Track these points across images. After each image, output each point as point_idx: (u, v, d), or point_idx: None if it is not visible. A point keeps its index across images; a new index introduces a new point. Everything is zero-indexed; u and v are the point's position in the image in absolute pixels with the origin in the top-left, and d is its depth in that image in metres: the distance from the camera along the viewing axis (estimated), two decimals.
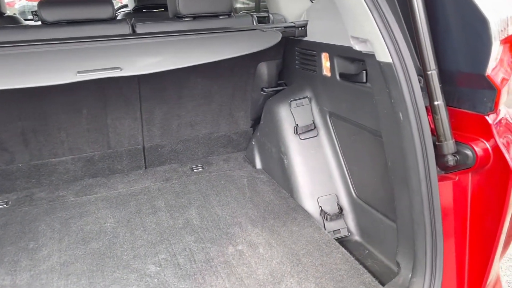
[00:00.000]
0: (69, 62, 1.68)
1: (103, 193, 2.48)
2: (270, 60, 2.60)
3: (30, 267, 1.87)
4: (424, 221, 1.50)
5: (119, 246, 2.00)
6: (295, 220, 2.19)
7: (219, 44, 2.00)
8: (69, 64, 1.66)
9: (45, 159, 2.47)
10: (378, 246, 2.08)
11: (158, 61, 1.76)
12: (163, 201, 2.39)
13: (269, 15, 2.53)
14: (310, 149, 2.36)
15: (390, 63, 1.44)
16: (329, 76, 2.18)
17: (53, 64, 1.65)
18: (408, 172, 1.52)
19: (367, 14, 1.43)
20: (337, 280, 1.76)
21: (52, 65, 1.64)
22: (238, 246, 1.99)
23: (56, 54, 1.74)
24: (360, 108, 2.00)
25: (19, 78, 1.54)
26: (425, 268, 1.52)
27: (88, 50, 1.80)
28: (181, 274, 1.81)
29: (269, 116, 2.58)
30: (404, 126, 1.48)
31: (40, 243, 2.04)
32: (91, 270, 1.85)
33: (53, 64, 1.66)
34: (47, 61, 1.69)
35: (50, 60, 1.69)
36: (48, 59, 1.70)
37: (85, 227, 2.16)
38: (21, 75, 1.57)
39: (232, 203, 2.37)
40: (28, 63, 1.66)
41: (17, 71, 1.59)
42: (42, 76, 1.55)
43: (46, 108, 2.31)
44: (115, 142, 2.58)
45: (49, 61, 1.68)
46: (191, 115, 2.71)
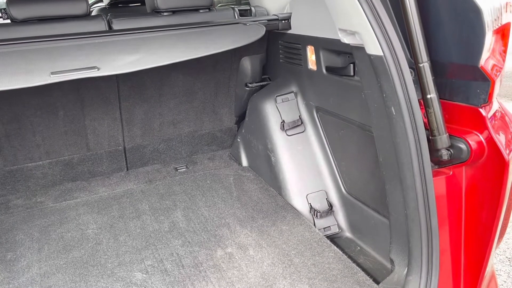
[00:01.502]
0: (41, 63, 1.58)
1: (83, 198, 2.38)
2: (253, 55, 2.53)
3: (8, 280, 1.77)
4: (419, 218, 1.46)
5: (103, 254, 1.91)
6: (284, 219, 2.13)
7: (201, 40, 1.91)
8: (42, 65, 1.55)
9: (21, 164, 2.35)
10: (370, 242, 2.04)
11: (137, 59, 1.67)
12: (147, 204, 2.31)
13: (251, 8, 2.45)
14: (297, 145, 2.31)
15: (381, 56, 1.39)
16: (315, 70, 2.13)
17: (24, 65, 1.54)
18: (402, 168, 1.47)
19: (356, 6, 1.37)
20: (330, 280, 1.72)
21: (24, 66, 1.53)
22: (227, 249, 1.93)
23: (27, 54, 1.63)
24: (347, 102, 1.95)
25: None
26: (421, 266, 1.48)
27: (62, 49, 1.69)
28: (169, 281, 1.74)
29: (254, 113, 2.51)
30: (397, 121, 1.44)
31: (18, 254, 1.93)
32: (73, 280, 1.76)
33: (24, 65, 1.55)
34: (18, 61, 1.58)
35: (21, 61, 1.58)
36: (18, 60, 1.59)
37: (66, 234, 2.06)
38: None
39: (219, 203, 2.30)
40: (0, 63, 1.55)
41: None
42: (12, 78, 1.45)
43: (19, 111, 2.19)
44: (94, 144, 2.47)
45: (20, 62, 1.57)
46: (173, 114, 2.62)
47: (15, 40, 1.71)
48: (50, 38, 1.73)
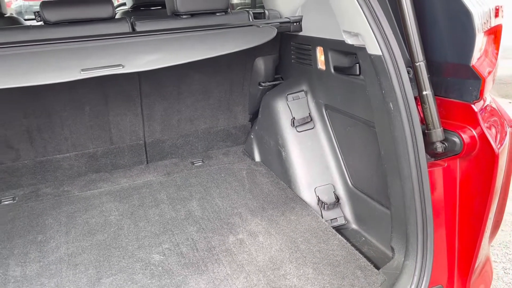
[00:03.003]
0: (72, 61, 1.75)
1: (106, 188, 2.56)
2: (266, 55, 2.67)
3: (39, 259, 1.94)
4: (415, 206, 1.57)
5: (124, 237, 2.08)
6: (293, 210, 2.26)
7: (217, 40, 2.06)
8: (73, 63, 1.72)
9: (50, 155, 2.54)
10: (374, 233, 2.15)
11: (158, 58, 1.83)
12: (165, 194, 2.47)
13: (265, 11, 2.59)
14: (307, 141, 2.44)
15: (380, 56, 1.51)
16: (324, 69, 2.25)
17: (57, 63, 1.72)
18: (400, 160, 1.59)
19: (357, 8, 1.50)
20: (334, 265, 1.84)
21: (57, 63, 1.71)
22: (238, 235, 2.07)
23: (60, 53, 1.81)
24: (354, 100, 2.07)
25: (26, 77, 1.61)
26: (417, 251, 1.59)
27: (90, 49, 1.87)
28: (184, 262, 1.88)
29: (266, 110, 2.65)
30: (395, 115, 1.55)
31: (47, 236, 2.11)
32: (98, 260, 1.92)
33: (57, 62, 1.72)
34: (52, 60, 1.75)
35: (54, 59, 1.76)
36: (52, 58, 1.76)
37: (91, 220, 2.23)
38: (27, 74, 1.64)
39: (232, 194, 2.45)
40: (34, 63, 1.72)
41: (24, 70, 1.66)
42: (47, 75, 1.62)
43: (50, 106, 2.38)
44: (117, 138, 2.65)
45: (53, 60, 1.75)
46: (190, 110, 2.78)
47: (48, 41, 1.89)
48: (79, 39, 1.91)
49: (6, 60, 1.72)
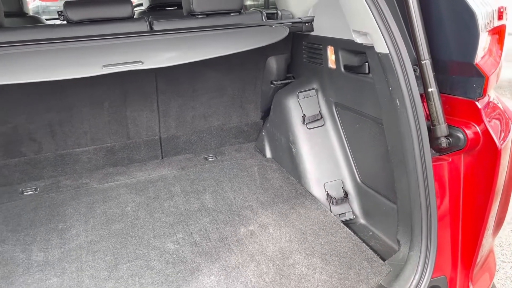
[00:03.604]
0: (95, 57, 1.85)
1: (123, 181, 2.66)
2: (279, 54, 2.74)
3: (60, 245, 2.05)
4: (420, 199, 1.63)
5: (140, 227, 2.17)
6: (302, 204, 2.33)
7: (231, 39, 2.15)
8: (95, 59, 1.82)
9: (70, 149, 2.66)
10: (381, 227, 2.21)
11: (175, 55, 1.92)
12: (179, 187, 2.56)
13: (277, 12, 2.67)
14: (317, 138, 2.51)
15: (387, 54, 1.58)
16: (335, 68, 2.32)
17: (81, 59, 1.82)
18: (406, 154, 1.65)
19: (366, 9, 1.57)
20: (341, 256, 1.91)
21: (81, 60, 1.81)
22: (249, 227, 2.15)
23: (83, 50, 1.91)
24: (363, 98, 2.14)
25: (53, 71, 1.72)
26: (421, 242, 1.65)
27: (111, 46, 1.97)
28: (197, 251, 1.97)
29: (278, 108, 2.73)
30: (401, 111, 1.62)
31: (68, 225, 2.22)
32: (115, 247, 2.02)
33: (81, 59, 1.83)
34: (76, 56, 1.86)
35: (78, 56, 1.86)
36: (76, 55, 1.87)
37: (108, 210, 2.34)
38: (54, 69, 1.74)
39: (243, 188, 2.53)
40: (60, 59, 1.83)
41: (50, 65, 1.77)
42: (72, 70, 1.72)
43: (71, 101, 2.49)
44: (134, 133, 2.75)
45: (77, 57, 1.85)
46: (204, 107, 2.87)
47: (72, 39, 2.00)
48: (101, 37, 2.01)
49: (34, 56, 1.83)
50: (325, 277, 1.78)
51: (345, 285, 1.73)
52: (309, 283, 1.75)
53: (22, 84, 2.28)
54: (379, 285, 1.72)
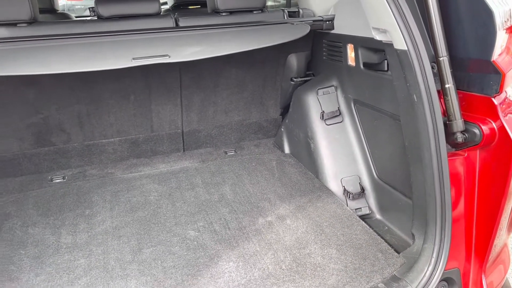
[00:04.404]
0: (125, 51, 1.95)
1: (146, 171, 2.76)
2: (299, 52, 2.81)
3: (87, 230, 2.16)
4: (435, 192, 1.67)
5: (163, 215, 2.26)
6: (319, 198, 2.39)
7: (254, 36, 2.22)
8: (125, 52, 1.92)
9: (96, 139, 2.77)
10: (396, 222, 2.25)
11: (200, 50, 2.00)
12: (200, 179, 2.65)
13: (299, 10, 2.73)
14: (335, 134, 2.56)
15: (406, 50, 1.63)
16: (354, 65, 2.37)
17: (112, 52, 1.92)
18: (422, 149, 1.70)
19: (386, 7, 1.62)
20: (356, 247, 1.96)
21: (111, 53, 1.91)
22: (267, 218, 2.22)
23: (113, 44, 2.01)
24: (381, 95, 2.18)
25: (86, 63, 1.82)
26: (435, 235, 1.69)
27: (139, 41, 2.06)
28: (217, 239, 2.05)
29: (297, 104, 2.79)
30: (418, 107, 1.67)
31: (94, 211, 2.32)
32: (139, 233, 2.12)
33: (112, 52, 1.93)
34: (107, 49, 1.96)
35: (109, 49, 1.96)
36: (107, 48, 1.97)
37: (132, 199, 2.44)
38: (87, 61, 1.85)
39: (262, 182, 2.60)
40: (92, 52, 1.94)
41: (83, 58, 1.87)
42: (104, 62, 1.82)
43: (99, 94, 2.60)
44: (157, 126, 2.85)
45: (108, 50, 1.95)
46: (225, 103, 2.95)
47: (103, 33, 2.10)
48: (130, 32, 2.11)
49: (68, 49, 1.94)
50: (340, 267, 1.83)
51: (360, 274, 1.78)
52: (325, 271, 1.81)
53: (55, 76, 2.41)
54: (393, 276, 1.77)
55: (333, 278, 1.77)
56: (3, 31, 2.16)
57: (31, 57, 1.90)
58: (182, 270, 1.84)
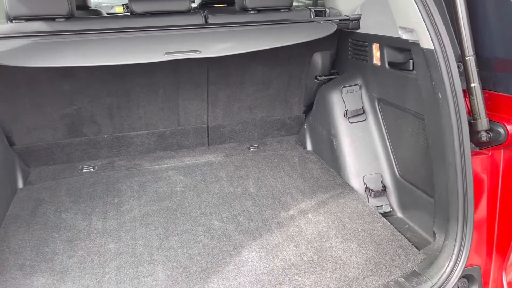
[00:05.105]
0: (157, 45, 2.03)
1: (172, 164, 2.85)
2: (324, 51, 2.85)
3: (116, 217, 2.25)
4: (458, 190, 1.70)
5: (188, 205, 2.34)
6: (341, 194, 2.43)
7: (281, 33, 2.28)
8: (158, 47, 2.01)
9: (125, 132, 2.87)
10: (417, 220, 2.27)
11: (229, 46, 2.07)
12: (224, 173, 2.72)
13: (325, 9, 2.77)
14: (358, 132, 2.59)
15: (432, 50, 1.66)
16: (379, 65, 2.40)
17: (145, 47, 2.01)
18: (445, 146, 1.72)
19: (413, 5, 1.66)
20: (377, 242, 1.99)
21: (145, 47, 2.00)
22: (289, 211, 2.27)
23: (146, 39, 2.10)
24: (406, 94, 2.21)
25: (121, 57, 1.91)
26: (456, 232, 1.72)
27: (171, 36, 2.15)
28: (240, 230, 2.11)
29: (321, 101, 2.83)
30: (443, 105, 1.69)
31: (123, 200, 2.42)
32: (165, 222, 2.20)
33: (145, 46, 2.01)
34: (140, 44, 2.05)
35: (142, 44, 2.05)
36: (141, 43, 2.06)
37: (159, 189, 2.52)
38: (121, 55, 1.94)
39: (284, 177, 2.65)
40: (126, 46, 2.03)
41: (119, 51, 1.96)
42: (138, 56, 1.91)
43: (129, 87, 2.70)
44: (184, 120, 2.94)
45: (142, 45, 2.04)
46: (250, 99, 3.01)
47: (136, 29, 2.19)
48: (162, 28, 2.19)
49: (105, 44, 2.03)
50: (360, 260, 1.87)
51: (380, 269, 1.82)
52: (345, 264, 1.85)
53: (89, 69, 2.51)
54: (413, 271, 1.80)
55: (354, 271, 1.81)
56: (43, 25, 2.27)
57: (69, 50, 2.00)
58: (207, 258, 1.91)
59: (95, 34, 2.10)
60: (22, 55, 1.99)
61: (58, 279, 1.80)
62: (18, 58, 1.96)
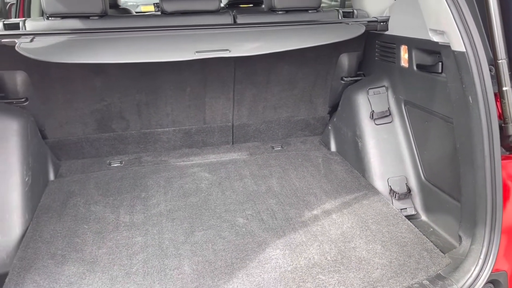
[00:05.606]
0: (188, 44, 2.08)
1: (197, 161, 2.90)
2: (351, 52, 2.85)
3: (143, 211, 2.31)
4: (486, 194, 1.68)
5: (213, 202, 2.38)
6: (365, 196, 2.43)
7: (309, 34, 2.29)
8: (189, 45, 2.05)
9: (153, 128, 2.94)
10: (442, 224, 2.25)
11: (258, 45, 2.10)
12: (248, 171, 2.75)
13: (353, 11, 2.77)
14: (383, 134, 2.58)
15: (464, 52, 1.65)
16: (407, 67, 2.39)
17: (176, 45, 2.06)
18: (474, 150, 1.71)
19: (445, 7, 1.65)
20: (401, 244, 1.99)
21: (176, 45, 2.05)
22: (313, 211, 2.28)
23: (177, 38, 2.15)
24: (434, 97, 2.19)
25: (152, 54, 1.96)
26: (484, 236, 1.70)
27: (201, 36, 2.19)
28: (264, 227, 2.14)
29: (347, 102, 2.83)
30: (473, 108, 1.68)
31: (149, 194, 2.48)
32: (191, 217, 2.24)
33: (176, 45, 2.06)
34: (171, 42, 2.10)
35: (173, 42, 2.10)
36: (172, 41, 2.11)
37: (185, 185, 2.57)
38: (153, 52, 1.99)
39: (308, 177, 2.66)
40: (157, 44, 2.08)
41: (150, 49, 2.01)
42: (170, 54, 1.96)
43: (158, 85, 2.76)
44: (209, 118, 2.98)
45: (173, 43, 2.09)
46: (275, 99, 3.03)
47: (167, 27, 2.24)
48: (192, 27, 2.24)
49: (137, 41, 2.09)
50: (384, 262, 1.87)
51: (404, 270, 1.82)
52: (369, 265, 1.86)
53: (120, 66, 2.58)
54: (438, 274, 1.79)
55: (378, 272, 1.81)
56: (78, 23, 2.35)
57: (103, 48, 2.06)
58: (232, 254, 1.94)
59: (127, 32, 2.16)
60: (58, 51, 2.07)
61: (88, 269, 1.86)
62: (55, 54, 2.04)
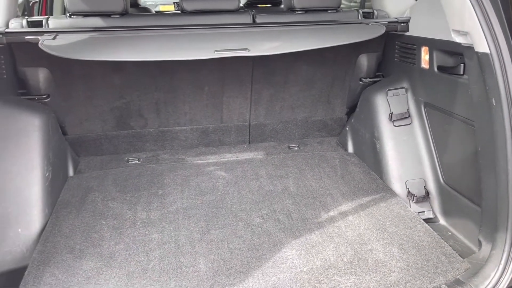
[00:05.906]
0: (207, 43, 2.09)
1: (214, 160, 2.91)
2: (370, 52, 2.82)
3: (160, 208, 2.32)
4: (508, 198, 1.65)
5: (229, 201, 2.39)
6: (383, 198, 2.40)
7: (329, 34, 2.28)
8: (208, 44, 2.06)
9: (170, 126, 2.96)
10: (461, 228, 2.22)
11: (277, 45, 2.10)
12: (264, 171, 2.74)
13: (373, 11, 2.75)
14: (402, 136, 2.55)
15: (488, 53, 1.62)
16: (427, 68, 2.36)
17: (196, 44, 2.07)
18: (497, 153, 1.68)
19: (469, 8, 1.62)
20: (419, 248, 1.96)
21: (195, 44, 2.06)
22: (329, 212, 2.27)
23: (197, 37, 2.16)
24: (455, 99, 2.16)
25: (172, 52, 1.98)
26: (505, 241, 1.67)
27: (221, 34, 2.20)
28: (280, 227, 2.13)
29: (365, 104, 2.81)
30: (496, 110, 1.65)
31: (166, 192, 2.50)
32: (207, 215, 2.25)
33: (196, 43, 2.07)
34: (191, 41, 2.11)
35: (193, 41, 2.11)
36: (191, 40, 2.12)
37: (201, 183, 2.58)
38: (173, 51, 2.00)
39: (324, 178, 2.65)
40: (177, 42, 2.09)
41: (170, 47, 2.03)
42: (189, 52, 1.97)
43: (176, 83, 2.78)
44: (227, 118, 2.99)
45: (192, 41, 2.10)
46: (293, 99, 3.02)
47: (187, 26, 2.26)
48: (212, 26, 2.25)
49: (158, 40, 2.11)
50: (402, 265, 1.85)
51: (422, 274, 1.79)
52: (386, 268, 1.84)
53: (139, 65, 2.61)
54: (457, 279, 1.76)
55: (395, 275, 1.79)
56: (99, 21, 2.38)
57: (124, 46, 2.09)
58: (247, 253, 1.94)
59: (148, 31, 2.18)
60: (80, 48, 2.10)
61: (105, 264, 1.88)
62: (77, 51, 2.07)
